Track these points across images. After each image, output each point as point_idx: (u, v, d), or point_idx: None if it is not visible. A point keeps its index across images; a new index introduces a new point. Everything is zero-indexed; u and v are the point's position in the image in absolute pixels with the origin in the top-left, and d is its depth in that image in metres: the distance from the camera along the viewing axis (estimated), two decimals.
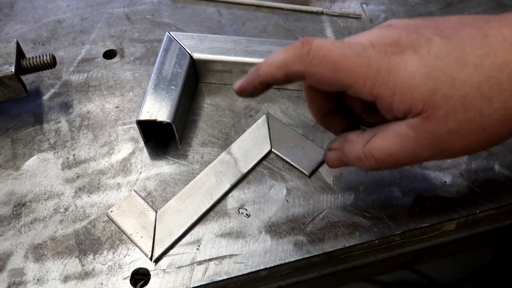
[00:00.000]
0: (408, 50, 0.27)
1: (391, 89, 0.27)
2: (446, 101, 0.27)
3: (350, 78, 0.28)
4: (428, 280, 0.99)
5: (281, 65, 0.30)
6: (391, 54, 0.27)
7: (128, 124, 0.45)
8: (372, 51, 0.28)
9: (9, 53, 0.42)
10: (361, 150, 0.30)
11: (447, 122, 0.27)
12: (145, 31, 0.53)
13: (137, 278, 0.36)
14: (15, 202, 0.40)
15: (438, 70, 0.27)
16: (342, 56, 0.28)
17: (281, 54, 0.30)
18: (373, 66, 0.27)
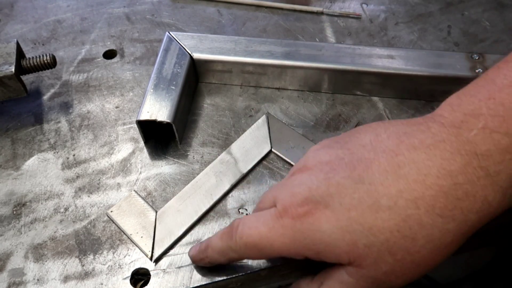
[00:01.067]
0: (320, 206, 0.28)
1: (313, 250, 0.28)
2: (370, 250, 0.27)
3: (274, 251, 0.29)
4: (428, 280, 0.99)
5: (221, 254, 0.32)
6: (303, 216, 0.28)
7: (128, 124, 0.45)
8: (285, 219, 0.28)
9: (9, 53, 0.42)
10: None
11: (379, 266, 0.27)
12: (145, 31, 0.53)
13: (137, 278, 0.36)
14: (15, 202, 0.40)
15: (353, 222, 0.27)
16: (258, 237, 0.29)
17: (219, 243, 0.32)
18: (288, 235, 0.28)
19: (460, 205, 0.26)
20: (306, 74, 0.45)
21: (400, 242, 0.27)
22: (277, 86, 0.47)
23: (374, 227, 0.27)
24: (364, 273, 0.28)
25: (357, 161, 0.28)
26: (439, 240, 0.27)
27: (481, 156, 0.26)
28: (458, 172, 0.26)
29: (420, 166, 0.27)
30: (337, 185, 0.28)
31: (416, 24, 0.53)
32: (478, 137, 0.26)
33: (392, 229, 0.26)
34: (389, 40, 0.51)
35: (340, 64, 0.44)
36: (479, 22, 0.53)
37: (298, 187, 0.29)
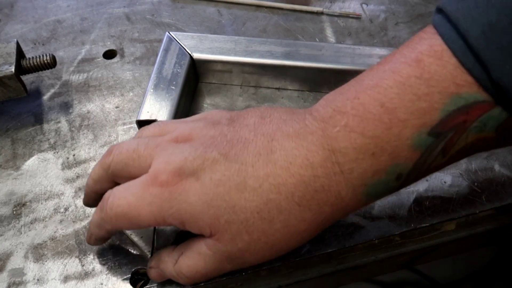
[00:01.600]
0: (191, 178, 0.28)
1: (178, 220, 0.29)
2: (230, 226, 0.28)
3: (142, 221, 0.29)
4: (428, 280, 0.99)
5: (98, 227, 0.32)
6: (172, 186, 0.28)
7: (128, 124, 0.45)
8: (154, 188, 0.29)
9: (9, 53, 0.42)
10: (173, 270, 0.32)
11: (236, 243, 0.29)
12: (145, 31, 0.53)
13: (137, 278, 0.36)
14: (15, 202, 0.40)
15: (219, 197, 0.28)
16: (127, 207, 0.29)
17: (94, 217, 0.32)
18: (156, 203, 0.29)
19: (317, 197, 0.28)
20: (306, 74, 0.45)
21: (258, 223, 0.28)
22: (277, 86, 0.47)
23: (237, 205, 0.28)
24: (221, 247, 0.29)
25: (238, 140, 0.29)
26: (294, 227, 0.29)
27: (339, 153, 0.27)
28: (318, 165, 0.28)
29: (288, 154, 0.28)
30: (212, 161, 0.29)
31: (416, 24, 0.53)
32: (339, 134, 0.28)
33: (253, 210, 0.28)
34: (389, 40, 0.51)
35: (340, 64, 0.44)
36: None
37: (175, 155, 0.29)
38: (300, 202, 0.28)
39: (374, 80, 0.28)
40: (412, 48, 0.27)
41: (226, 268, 0.31)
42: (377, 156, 0.27)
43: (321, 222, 0.29)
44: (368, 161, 0.27)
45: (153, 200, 0.29)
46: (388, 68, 0.27)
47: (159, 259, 0.33)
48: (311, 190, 0.28)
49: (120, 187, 0.31)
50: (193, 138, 0.31)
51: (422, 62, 0.26)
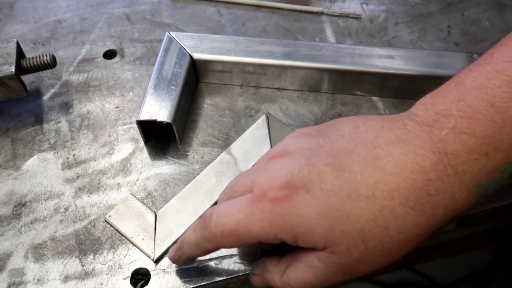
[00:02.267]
0: (300, 190, 0.28)
1: (291, 234, 0.28)
2: (345, 236, 0.28)
3: (252, 237, 0.29)
4: (428, 280, 0.99)
5: (197, 246, 0.32)
6: (283, 200, 0.28)
7: (128, 124, 0.45)
8: (264, 204, 0.28)
9: (9, 53, 0.42)
10: (279, 281, 0.31)
11: (351, 253, 0.28)
12: (145, 31, 0.53)
13: (137, 278, 0.36)
14: (15, 202, 0.40)
15: (332, 208, 0.28)
16: (235, 224, 0.29)
17: (193, 236, 0.32)
18: (268, 219, 0.28)
19: (431, 200, 0.27)
20: (306, 74, 0.45)
21: (373, 231, 0.28)
22: (277, 86, 0.47)
23: (352, 215, 0.27)
24: (335, 259, 0.28)
25: (338, 150, 0.29)
26: (409, 232, 0.28)
27: (451, 155, 0.27)
28: (430, 168, 0.27)
29: (396, 160, 0.28)
30: (319, 171, 0.28)
31: (416, 24, 0.53)
32: (448, 136, 0.27)
33: (368, 218, 0.27)
34: (389, 40, 0.51)
35: (340, 64, 0.44)
36: (479, 22, 0.53)
37: (278, 171, 0.29)
38: (414, 207, 0.27)
39: (478, 81, 0.27)
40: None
41: (337, 280, 0.30)
42: (490, 156, 0.27)
43: (435, 224, 0.28)
44: (482, 161, 0.27)
45: (264, 216, 0.28)
46: (490, 68, 0.27)
47: (264, 268, 0.33)
48: (425, 194, 0.27)
49: (224, 205, 0.30)
50: (289, 152, 0.30)
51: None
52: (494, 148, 0.27)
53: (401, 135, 0.28)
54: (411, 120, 0.29)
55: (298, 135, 0.31)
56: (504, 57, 0.27)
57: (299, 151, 0.30)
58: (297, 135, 0.31)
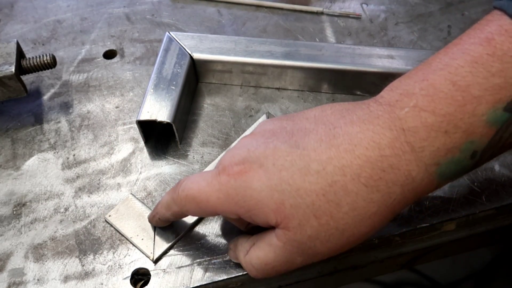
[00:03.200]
0: (254, 165, 0.29)
1: (243, 207, 0.29)
2: (296, 211, 0.28)
3: (209, 206, 0.30)
4: (428, 280, 0.99)
5: (166, 207, 0.34)
6: (238, 174, 0.29)
7: (128, 124, 0.45)
8: (222, 176, 0.30)
9: (9, 53, 0.42)
10: (243, 259, 0.32)
11: (305, 229, 0.28)
12: (145, 31, 0.53)
13: (137, 278, 0.36)
14: (15, 202, 0.40)
15: (283, 182, 0.28)
16: (197, 191, 0.31)
17: (165, 198, 0.34)
18: (223, 190, 0.30)
19: (385, 177, 0.27)
20: (306, 74, 0.45)
21: (325, 206, 0.28)
22: (277, 86, 0.47)
23: (301, 189, 0.28)
24: (291, 236, 0.29)
25: (298, 130, 0.30)
26: (363, 209, 0.28)
27: (408, 132, 0.27)
28: (386, 145, 0.27)
29: (352, 138, 0.28)
30: (274, 148, 0.29)
31: (416, 24, 0.53)
32: (408, 115, 0.27)
33: (318, 192, 0.28)
34: (389, 40, 0.51)
35: (340, 64, 0.44)
36: None
37: (239, 149, 0.31)
38: (367, 183, 0.27)
39: (443, 62, 0.28)
40: (481, 30, 0.27)
41: (297, 261, 0.30)
42: (450, 134, 0.27)
43: (391, 204, 0.28)
44: (441, 139, 0.27)
45: (221, 187, 0.30)
46: (456, 49, 0.28)
47: (235, 245, 0.34)
48: (378, 170, 0.27)
49: (195, 174, 0.32)
50: (254, 134, 0.32)
51: (494, 40, 0.26)
52: (454, 126, 0.26)
53: (362, 115, 0.29)
54: (375, 102, 0.29)
55: (269, 120, 0.33)
56: (470, 39, 0.27)
57: (261, 132, 0.31)
58: (268, 120, 0.33)
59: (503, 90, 0.26)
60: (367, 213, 0.28)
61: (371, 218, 0.28)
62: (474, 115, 0.26)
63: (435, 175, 0.28)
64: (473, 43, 0.27)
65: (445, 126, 0.27)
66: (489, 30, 0.27)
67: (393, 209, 0.29)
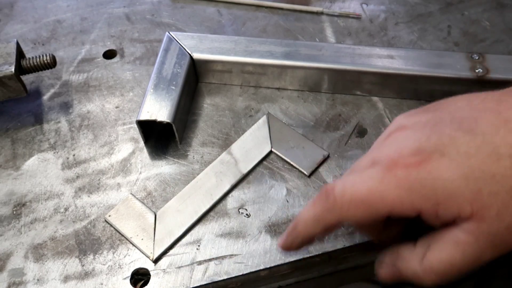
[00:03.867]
0: (435, 155, 0.26)
1: (432, 200, 0.26)
2: (495, 198, 0.25)
3: (385, 206, 0.27)
4: None
5: (316, 221, 0.29)
6: (417, 165, 0.26)
7: (128, 124, 0.45)
8: (397, 170, 0.26)
9: (9, 53, 0.42)
10: (419, 267, 0.28)
11: (503, 219, 0.25)
12: (145, 31, 0.53)
13: (137, 278, 0.36)
14: (15, 202, 0.40)
15: (474, 169, 0.25)
16: (367, 191, 0.27)
17: (311, 211, 0.29)
18: (403, 185, 0.26)
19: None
20: (306, 74, 0.45)
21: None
22: (277, 86, 0.47)
23: (497, 175, 0.25)
24: (485, 228, 0.26)
25: (461, 118, 0.27)
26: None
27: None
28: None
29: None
30: (449, 136, 0.26)
31: (416, 24, 0.53)
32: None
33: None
34: (389, 40, 0.51)
35: (340, 64, 0.44)
36: (479, 22, 0.53)
37: (403, 142, 0.27)
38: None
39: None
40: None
41: (485, 258, 0.27)
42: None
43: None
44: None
45: (400, 182, 0.26)
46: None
47: (396, 256, 0.30)
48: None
49: (348, 175, 0.28)
50: (407, 126, 0.28)
51: None
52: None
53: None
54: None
55: (408, 114, 0.30)
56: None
57: (418, 124, 0.28)
58: (407, 114, 0.30)
59: None
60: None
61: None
62: None
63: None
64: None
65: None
66: None
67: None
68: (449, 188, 0.25)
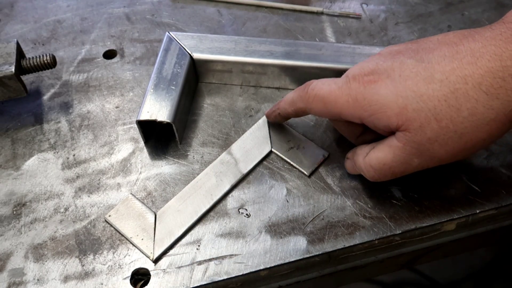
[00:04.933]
0: (382, 76, 0.33)
1: (368, 111, 0.33)
2: (418, 114, 0.31)
3: (336, 108, 0.34)
4: (428, 280, 0.99)
5: (291, 102, 0.38)
6: (367, 83, 0.33)
7: (128, 124, 0.45)
8: (353, 83, 0.34)
9: (9, 53, 0.42)
10: (362, 162, 0.36)
11: (425, 131, 0.31)
12: (145, 31, 0.53)
13: (137, 278, 0.36)
14: (15, 202, 0.40)
15: (407, 89, 0.31)
16: (328, 92, 0.35)
17: (291, 94, 0.38)
18: (352, 95, 0.33)
19: (505, 86, 0.29)
20: (306, 74, 0.45)
21: (445, 111, 0.30)
22: (277, 86, 0.47)
23: (424, 95, 0.31)
24: (411, 137, 0.32)
25: (422, 49, 0.33)
26: (482, 115, 0.30)
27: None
28: (507, 57, 0.29)
29: (474, 52, 0.30)
30: (400, 62, 0.33)
31: (416, 24, 0.53)
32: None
33: (440, 98, 0.30)
34: (389, 40, 0.51)
35: (340, 64, 0.44)
36: (479, 22, 0.53)
37: (367, 63, 0.34)
38: (487, 91, 0.29)
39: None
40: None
41: (414, 163, 0.33)
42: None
43: (510, 112, 0.30)
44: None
45: (351, 92, 0.33)
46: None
47: (354, 152, 0.38)
48: (499, 79, 0.29)
49: (324, 79, 0.36)
50: (380, 53, 0.35)
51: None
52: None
53: (484, 34, 0.31)
54: (498, 23, 0.31)
55: (397, 44, 0.36)
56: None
57: (388, 51, 0.35)
58: (393, 45, 0.36)
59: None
60: (486, 119, 0.30)
61: (489, 124, 0.30)
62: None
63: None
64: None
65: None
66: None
67: (510, 119, 0.30)
68: (381, 102, 0.32)
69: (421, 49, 0.33)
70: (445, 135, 0.31)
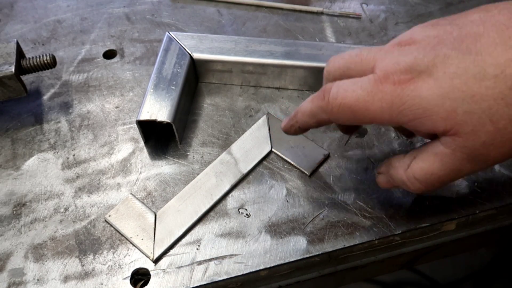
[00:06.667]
0: (423, 75, 0.28)
1: (408, 116, 0.28)
2: (470, 117, 0.27)
3: (368, 116, 0.30)
4: (428, 280, 1.00)
5: (311, 115, 0.34)
6: (404, 83, 0.28)
7: (128, 124, 0.45)
8: (385, 85, 0.29)
9: (9, 53, 0.42)
10: (404, 175, 0.32)
11: (478, 135, 0.27)
12: (145, 31, 0.53)
13: (137, 278, 0.36)
14: (15, 202, 0.40)
15: (454, 90, 0.27)
16: (355, 99, 0.30)
17: (309, 106, 0.33)
18: (387, 100, 0.29)
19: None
20: (306, 74, 0.45)
21: (503, 110, 0.26)
22: (277, 86, 0.47)
23: (477, 95, 0.26)
24: (461, 142, 0.28)
25: (466, 35, 0.28)
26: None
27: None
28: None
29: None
30: (443, 56, 0.28)
31: (416, 24, 0.52)
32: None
33: (496, 96, 0.26)
34: (389, 40, 0.51)
35: None
36: None
37: (403, 56, 0.29)
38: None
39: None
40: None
41: (465, 169, 0.29)
42: None
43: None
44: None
45: (384, 96, 0.29)
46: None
47: (389, 165, 0.33)
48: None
49: (346, 81, 0.31)
50: (415, 40, 0.30)
51: None
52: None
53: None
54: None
55: (427, 24, 0.31)
56: None
57: (426, 39, 0.29)
58: (425, 25, 0.31)
59: None
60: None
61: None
62: None
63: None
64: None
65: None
66: None
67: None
68: (424, 106, 0.28)
69: (465, 36, 0.28)
70: (502, 137, 0.27)
